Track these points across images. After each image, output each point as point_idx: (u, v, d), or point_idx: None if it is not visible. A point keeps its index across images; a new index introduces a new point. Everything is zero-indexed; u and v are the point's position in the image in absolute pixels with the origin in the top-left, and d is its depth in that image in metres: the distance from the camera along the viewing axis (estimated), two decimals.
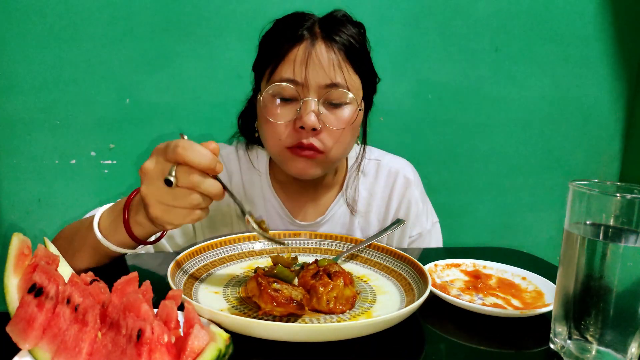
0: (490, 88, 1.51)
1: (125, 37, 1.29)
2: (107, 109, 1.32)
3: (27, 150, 1.30)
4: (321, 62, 0.82)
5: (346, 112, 0.85)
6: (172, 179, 0.57)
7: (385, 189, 1.04)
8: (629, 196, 0.49)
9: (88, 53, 1.28)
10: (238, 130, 1.02)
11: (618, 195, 0.50)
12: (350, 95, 0.84)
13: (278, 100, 0.84)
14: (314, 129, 0.82)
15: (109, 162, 1.35)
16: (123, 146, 1.35)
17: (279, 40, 0.85)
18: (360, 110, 0.87)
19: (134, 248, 0.74)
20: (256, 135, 0.93)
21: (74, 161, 1.33)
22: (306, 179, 0.89)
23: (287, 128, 0.84)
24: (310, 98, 0.82)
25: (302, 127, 0.82)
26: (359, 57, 0.86)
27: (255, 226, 0.65)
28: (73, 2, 1.25)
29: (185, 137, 0.62)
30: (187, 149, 0.58)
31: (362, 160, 1.02)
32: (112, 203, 0.76)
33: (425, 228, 1.06)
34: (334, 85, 0.83)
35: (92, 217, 0.76)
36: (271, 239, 0.68)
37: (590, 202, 0.51)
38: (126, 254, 0.75)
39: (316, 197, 1.01)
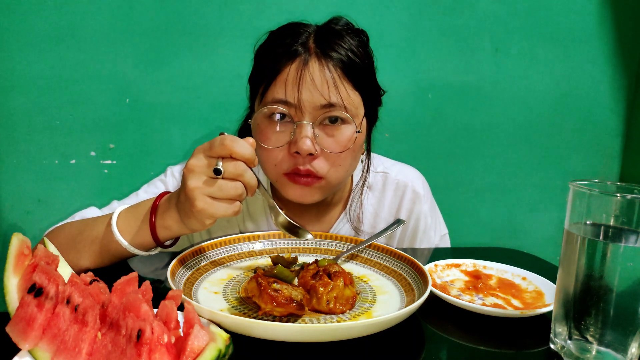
0: (490, 88, 1.50)
1: (125, 37, 1.29)
2: (107, 109, 1.32)
3: (27, 150, 1.30)
4: (315, 82, 0.77)
5: (345, 133, 0.80)
6: (221, 167, 0.63)
7: (392, 204, 1.00)
8: (629, 196, 0.49)
9: (88, 53, 1.28)
10: None
11: (618, 195, 0.50)
12: (348, 115, 0.79)
13: (271, 123, 0.80)
14: (311, 154, 0.78)
15: (109, 162, 1.35)
16: (123, 146, 1.35)
17: (272, 56, 0.80)
18: (358, 132, 0.81)
19: (150, 250, 0.75)
20: None
21: (74, 161, 1.33)
22: (307, 203, 0.85)
23: (282, 152, 0.80)
24: (305, 121, 0.77)
25: (297, 152, 0.78)
26: (358, 71, 0.81)
27: (287, 218, 0.72)
28: (73, 2, 1.25)
29: (226, 133, 0.67)
30: (233, 141, 0.63)
31: (367, 175, 0.97)
32: (124, 205, 0.76)
33: (433, 242, 1.04)
34: (330, 106, 0.78)
35: (103, 217, 0.77)
36: (299, 230, 0.73)
37: (590, 202, 0.51)
38: (140, 255, 0.76)
39: (319, 215, 0.98)
